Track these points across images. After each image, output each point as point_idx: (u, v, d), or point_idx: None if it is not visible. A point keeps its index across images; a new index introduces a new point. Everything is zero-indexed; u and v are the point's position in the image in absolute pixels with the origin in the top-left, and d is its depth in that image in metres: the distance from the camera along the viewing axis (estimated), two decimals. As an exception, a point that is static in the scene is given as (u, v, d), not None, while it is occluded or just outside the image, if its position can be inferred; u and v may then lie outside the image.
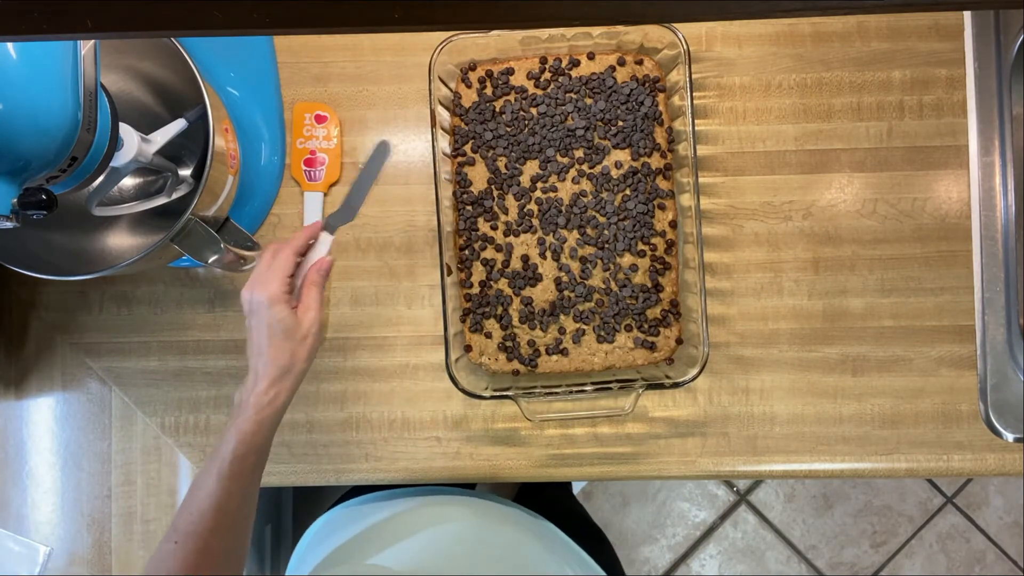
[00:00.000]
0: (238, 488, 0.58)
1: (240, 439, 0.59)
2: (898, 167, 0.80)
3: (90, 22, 0.23)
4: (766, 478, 1.57)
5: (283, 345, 0.61)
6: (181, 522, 0.57)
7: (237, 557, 0.60)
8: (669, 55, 0.76)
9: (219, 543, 0.57)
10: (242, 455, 0.58)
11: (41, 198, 0.52)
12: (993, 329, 0.78)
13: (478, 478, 0.81)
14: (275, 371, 0.61)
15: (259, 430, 0.60)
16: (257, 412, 0.60)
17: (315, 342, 0.64)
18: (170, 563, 0.56)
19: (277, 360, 0.61)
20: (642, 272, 0.78)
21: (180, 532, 0.57)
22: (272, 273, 0.63)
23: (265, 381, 0.61)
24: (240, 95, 0.81)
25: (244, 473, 0.59)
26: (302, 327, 0.63)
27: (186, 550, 0.56)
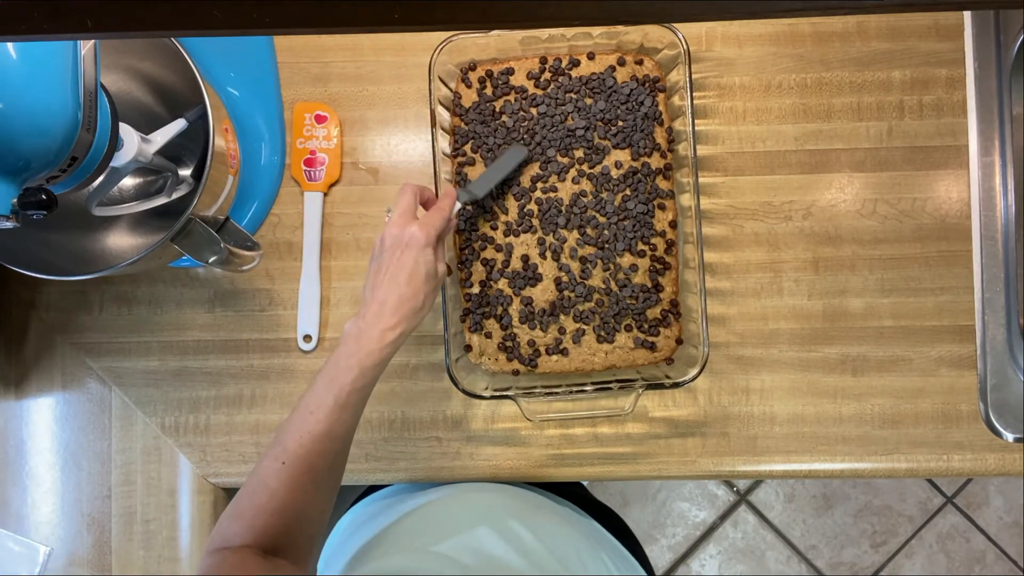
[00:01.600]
0: (350, 415, 0.60)
1: (361, 371, 0.60)
2: (898, 167, 0.80)
3: (90, 22, 0.23)
4: (766, 478, 1.57)
5: (421, 287, 0.63)
6: (291, 443, 0.58)
7: (337, 477, 0.62)
8: (669, 55, 0.76)
9: (325, 464, 0.59)
10: (361, 386, 0.60)
11: (41, 198, 0.52)
12: (993, 329, 0.78)
13: (479, 478, 0.81)
14: (407, 309, 0.62)
15: (378, 362, 0.61)
16: (381, 345, 0.61)
17: (438, 293, 0.66)
18: (275, 482, 0.57)
19: (413, 299, 0.62)
20: (642, 272, 0.78)
21: (289, 453, 0.58)
22: (431, 221, 0.65)
23: (395, 317, 0.61)
24: (240, 95, 0.81)
25: (359, 403, 0.60)
26: (439, 275, 0.65)
27: (293, 471, 0.57)
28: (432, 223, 0.65)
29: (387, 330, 0.61)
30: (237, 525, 0.57)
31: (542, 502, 0.78)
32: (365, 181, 0.82)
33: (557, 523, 0.74)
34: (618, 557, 0.77)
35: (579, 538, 0.72)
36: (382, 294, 0.62)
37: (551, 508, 0.78)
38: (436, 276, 0.65)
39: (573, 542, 0.71)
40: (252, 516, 0.57)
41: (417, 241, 0.63)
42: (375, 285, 0.63)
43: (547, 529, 0.71)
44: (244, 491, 0.58)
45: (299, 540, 0.58)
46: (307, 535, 0.59)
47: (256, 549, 0.56)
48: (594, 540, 0.75)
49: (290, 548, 0.58)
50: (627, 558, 0.79)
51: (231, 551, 0.55)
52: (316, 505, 0.60)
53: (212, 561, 0.55)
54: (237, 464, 0.82)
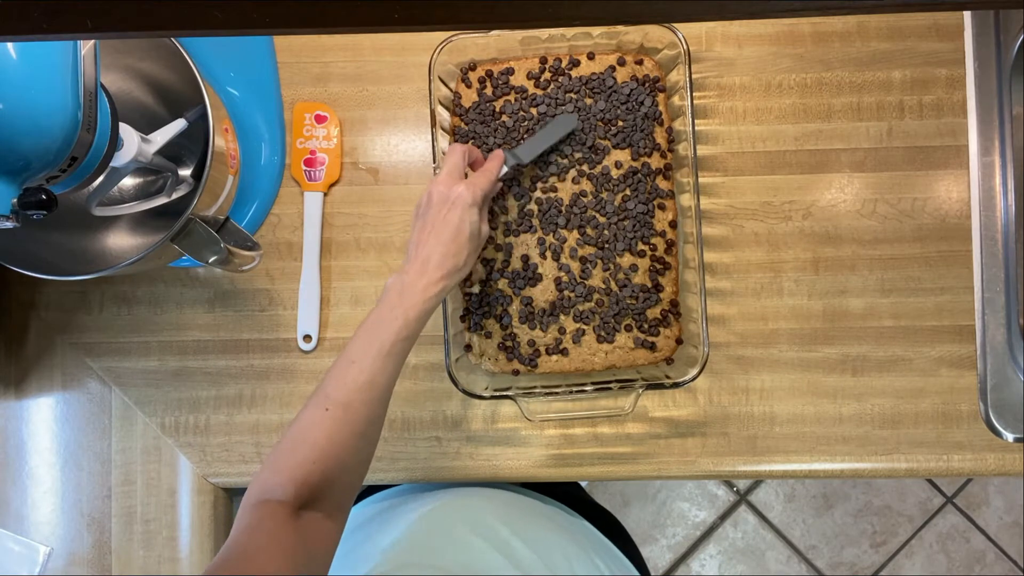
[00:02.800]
0: (393, 366, 0.61)
1: (405, 322, 0.61)
2: (898, 167, 0.80)
3: (90, 22, 0.23)
4: (766, 478, 1.57)
5: (466, 246, 0.64)
6: (335, 392, 0.59)
7: (377, 428, 0.62)
8: (669, 55, 0.76)
9: (367, 413, 0.59)
10: (404, 337, 0.61)
11: (41, 198, 0.52)
12: (993, 329, 0.78)
13: (478, 478, 0.81)
14: (450, 265, 0.63)
15: (421, 316, 0.62)
16: (424, 299, 0.62)
17: (479, 253, 0.68)
18: (317, 431, 0.58)
19: (456, 257, 0.63)
20: (642, 272, 0.78)
21: (332, 400, 0.58)
22: (478, 182, 0.66)
23: (439, 272, 0.63)
24: (240, 95, 0.81)
25: (401, 353, 0.61)
26: (482, 235, 0.67)
27: (336, 418, 0.58)
28: (479, 184, 0.66)
29: (431, 284, 0.62)
30: (279, 476, 0.56)
31: (533, 506, 0.78)
32: (365, 181, 0.82)
33: (548, 528, 0.74)
34: (611, 559, 0.77)
35: (569, 543, 0.72)
36: (426, 251, 0.63)
37: (542, 512, 0.78)
38: (480, 236, 0.66)
39: (563, 547, 0.71)
40: (294, 466, 0.57)
41: (464, 200, 0.64)
42: (420, 242, 0.64)
43: (538, 535, 0.71)
44: (286, 441, 0.58)
45: (338, 490, 0.59)
46: (347, 484, 0.60)
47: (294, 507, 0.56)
48: (585, 543, 0.75)
49: (327, 499, 0.58)
50: (620, 559, 0.79)
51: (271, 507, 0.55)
52: (358, 455, 0.60)
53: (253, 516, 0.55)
54: (237, 464, 0.82)
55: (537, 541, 0.70)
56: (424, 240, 0.64)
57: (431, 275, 0.62)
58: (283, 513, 0.55)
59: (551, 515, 0.78)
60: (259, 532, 0.53)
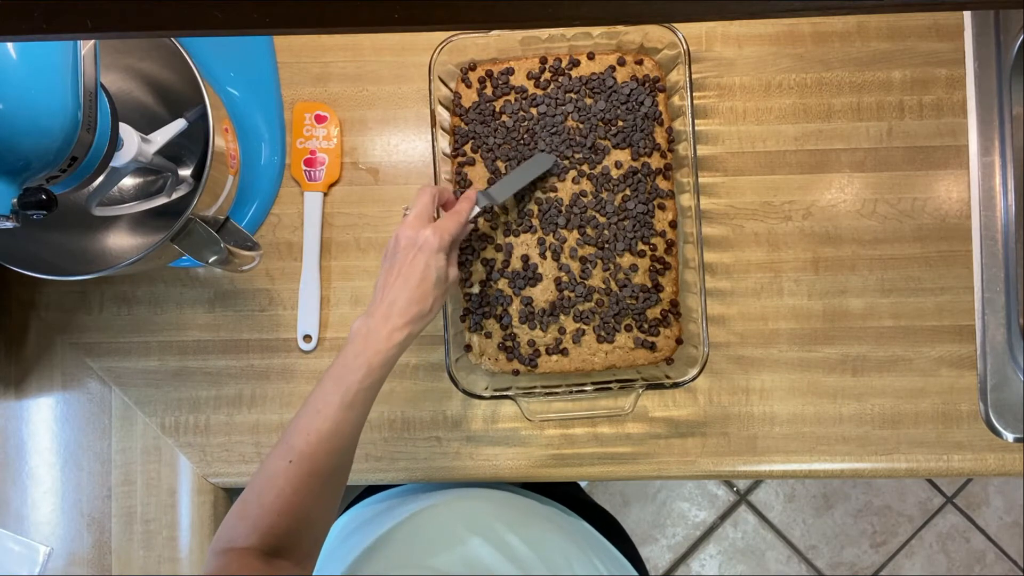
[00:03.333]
0: (356, 415, 0.60)
1: (368, 370, 0.60)
2: (898, 167, 0.80)
3: (90, 22, 0.23)
4: (766, 478, 1.57)
5: (431, 292, 0.64)
6: (297, 442, 0.58)
7: (342, 478, 0.62)
8: (669, 55, 0.76)
9: (331, 464, 0.59)
10: (368, 384, 0.60)
11: (41, 198, 0.52)
12: (993, 329, 0.78)
13: (478, 478, 0.81)
14: (415, 312, 0.63)
15: (385, 362, 0.61)
16: (388, 346, 0.61)
17: (446, 297, 0.67)
18: (282, 481, 0.57)
19: (421, 303, 0.63)
20: (642, 272, 0.78)
21: (296, 452, 0.58)
22: (445, 226, 0.65)
23: (403, 319, 0.62)
24: (240, 95, 0.81)
25: (366, 401, 0.61)
26: (449, 279, 0.66)
27: (300, 469, 0.58)
28: (447, 227, 0.65)
29: (395, 331, 0.61)
30: (243, 525, 0.57)
31: (532, 507, 0.78)
32: (365, 181, 0.82)
33: (547, 529, 0.74)
34: (609, 559, 0.77)
35: (568, 543, 0.72)
36: (392, 295, 0.63)
37: (541, 513, 0.78)
38: (446, 281, 0.65)
39: (563, 547, 0.71)
40: (257, 516, 0.57)
41: (430, 245, 0.63)
42: (385, 285, 0.64)
43: (537, 535, 0.71)
44: (250, 490, 0.58)
45: (304, 540, 0.58)
46: (312, 536, 0.59)
47: (259, 551, 0.56)
48: (584, 543, 0.75)
49: (295, 549, 0.58)
50: (618, 559, 0.79)
51: (236, 553, 0.55)
52: (322, 505, 0.60)
53: (217, 563, 0.55)
54: (237, 464, 0.82)
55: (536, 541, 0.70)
56: (391, 284, 0.63)
57: (395, 321, 0.62)
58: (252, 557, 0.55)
59: (550, 515, 0.78)
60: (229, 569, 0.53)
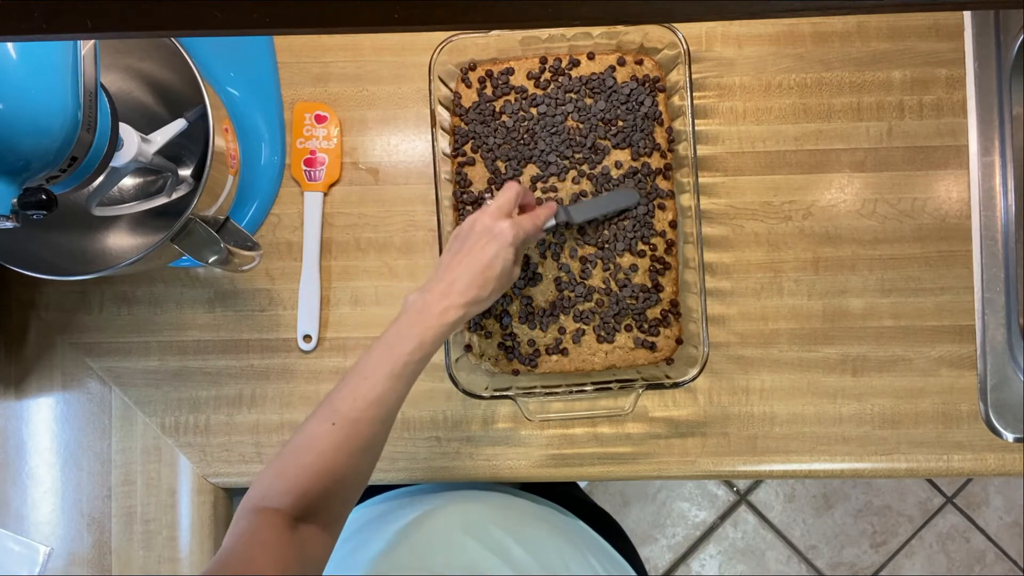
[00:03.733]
0: (403, 386, 0.61)
1: (420, 343, 0.60)
2: (898, 167, 0.80)
3: (90, 22, 0.23)
4: (766, 478, 1.57)
5: (493, 279, 0.64)
6: (342, 405, 0.59)
7: (380, 446, 0.62)
8: (669, 55, 0.76)
9: (372, 431, 0.59)
10: (417, 359, 0.61)
11: (41, 198, 0.52)
12: (993, 329, 0.78)
13: (478, 478, 0.81)
14: (473, 295, 0.63)
15: (436, 339, 0.62)
16: (441, 323, 0.61)
17: (503, 292, 0.67)
18: (323, 442, 0.58)
19: (482, 288, 0.63)
20: (642, 272, 0.78)
21: (341, 415, 0.58)
22: (522, 223, 0.66)
23: (462, 298, 0.62)
24: (240, 95, 0.81)
25: (413, 375, 0.61)
26: (512, 276, 0.67)
27: (341, 433, 0.58)
28: (524, 225, 0.66)
29: (450, 308, 0.62)
30: (280, 483, 0.56)
31: (529, 508, 0.78)
32: (365, 181, 0.82)
33: (543, 530, 0.74)
34: (607, 559, 0.77)
35: (565, 544, 0.73)
36: (454, 274, 0.63)
37: (538, 514, 0.78)
38: (509, 275, 0.66)
39: (559, 548, 0.71)
40: (295, 475, 0.57)
41: (505, 236, 0.64)
42: (450, 264, 0.64)
43: (533, 537, 0.71)
44: (290, 449, 0.58)
45: (335, 504, 0.58)
46: (344, 499, 0.60)
47: (290, 516, 0.56)
48: (581, 543, 0.75)
49: (325, 512, 0.58)
50: (616, 559, 0.79)
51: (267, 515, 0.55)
52: (359, 471, 0.60)
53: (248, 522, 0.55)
54: (237, 464, 0.82)
55: (532, 542, 0.70)
56: (455, 265, 0.64)
57: (454, 299, 0.62)
58: (280, 523, 0.55)
59: (546, 516, 0.78)
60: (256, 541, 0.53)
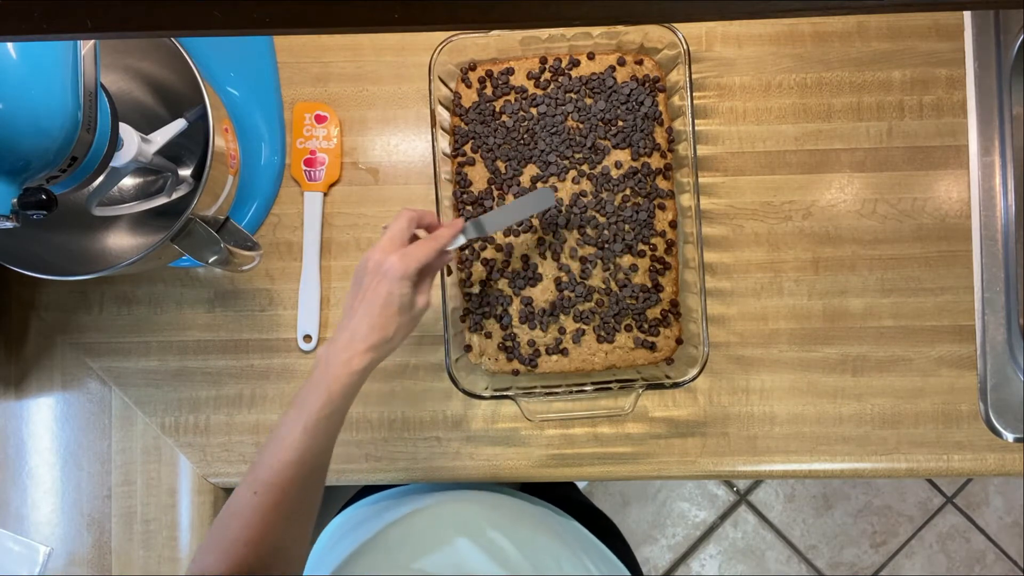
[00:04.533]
0: (322, 442, 0.59)
1: (329, 397, 0.59)
2: (898, 167, 0.80)
3: (90, 22, 0.23)
4: (766, 478, 1.57)
5: (394, 318, 0.62)
6: (263, 473, 0.58)
7: (310, 510, 0.61)
8: (669, 55, 0.76)
9: (298, 493, 0.58)
10: (329, 413, 0.59)
11: (41, 198, 0.52)
12: (993, 329, 0.78)
13: (478, 478, 0.81)
14: (377, 339, 0.61)
15: (347, 390, 0.60)
16: (349, 373, 0.60)
17: (414, 326, 0.65)
18: (248, 513, 0.57)
19: (384, 329, 0.62)
20: (642, 272, 0.78)
21: (260, 482, 0.57)
22: (414, 253, 0.63)
23: (364, 344, 0.61)
24: (240, 95, 0.81)
25: (329, 429, 0.60)
26: (415, 309, 0.64)
27: (265, 501, 0.57)
28: (416, 255, 0.63)
29: (355, 356, 0.60)
30: (212, 557, 0.56)
31: (523, 508, 0.78)
32: (365, 181, 0.82)
33: (537, 530, 0.74)
34: (601, 559, 0.77)
35: (558, 544, 0.72)
36: (355, 320, 0.62)
37: (531, 514, 0.78)
38: (412, 309, 0.63)
39: (553, 549, 0.71)
40: (227, 547, 0.56)
41: (393, 272, 0.61)
42: (349, 309, 0.63)
43: (527, 538, 0.71)
44: (219, 521, 0.58)
45: (275, 569, 0.57)
46: (284, 562, 0.58)
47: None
48: (575, 543, 0.75)
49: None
50: (610, 559, 0.79)
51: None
52: (291, 535, 0.59)
53: None
54: (237, 464, 0.82)
55: (525, 542, 0.69)
56: (355, 309, 0.62)
57: (356, 346, 0.61)
58: None
59: (540, 516, 0.78)
60: None
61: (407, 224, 0.65)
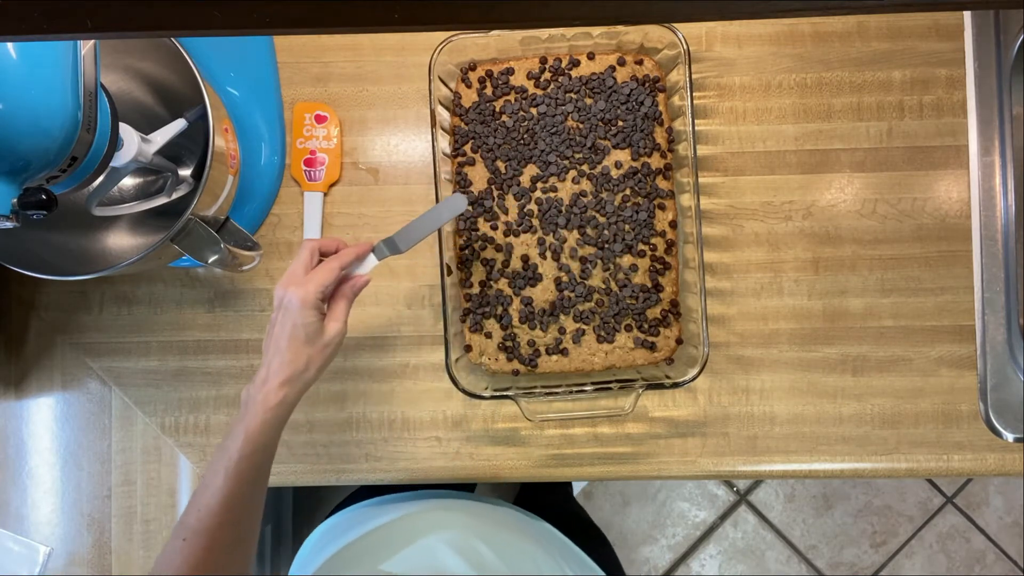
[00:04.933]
0: (245, 485, 0.58)
1: (247, 437, 0.58)
2: (898, 167, 0.80)
3: (90, 22, 0.23)
4: (766, 478, 1.57)
5: (302, 349, 0.61)
6: (189, 519, 0.57)
7: (244, 553, 0.60)
8: (669, 55, 0.76)
9: (226, 539, 0.57)
10: (249, 453, 0.58)
11: (41, 198, 0.52)
12: (993, 329, 0.78)
13: (478, 478, 0.81)
14: (288, 372, 0.60)
15: (265, 429, 0.59)
16: (264, 411, 0.59)
17: (333, 353, 0.63)
18: (178, 560, 0.56)
19: (294, 363, 0.60)
20: (642, 272, 0.78)
21: (188, 529, 0.57)
22: (313, 277, 0.61)
23: (276, 380, 0.60)
24: (240, 95, 0.81)
25: (251, 470, 0.59)
26: (325, 336, 0.62)
27: (193, 547, 0.56)
28: (316, 280, 0.61)
29: (270, 394, 0.60)
30: None
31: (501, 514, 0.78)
32: (365, 181, 0.82)
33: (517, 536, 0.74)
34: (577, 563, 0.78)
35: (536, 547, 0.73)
36: (268, 357, 0.61)
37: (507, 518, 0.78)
38: (321, 337, 0.61)
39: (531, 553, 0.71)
40: None
41: (293, 303, 0.60)
42: (264, 347, 0.62)
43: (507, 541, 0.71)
44: (154, 567, 0.57)
45: None
46: None
47: None
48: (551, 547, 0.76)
49: None
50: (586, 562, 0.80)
51: None
52: (227, 573, 0.58)
53: None
54: (237, 464, 0.82)
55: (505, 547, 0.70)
56: (267, 346, 0.62)
57: (271, 383, 0.60)
58: None
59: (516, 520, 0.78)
60: None
61: (309, 255, 0.63)
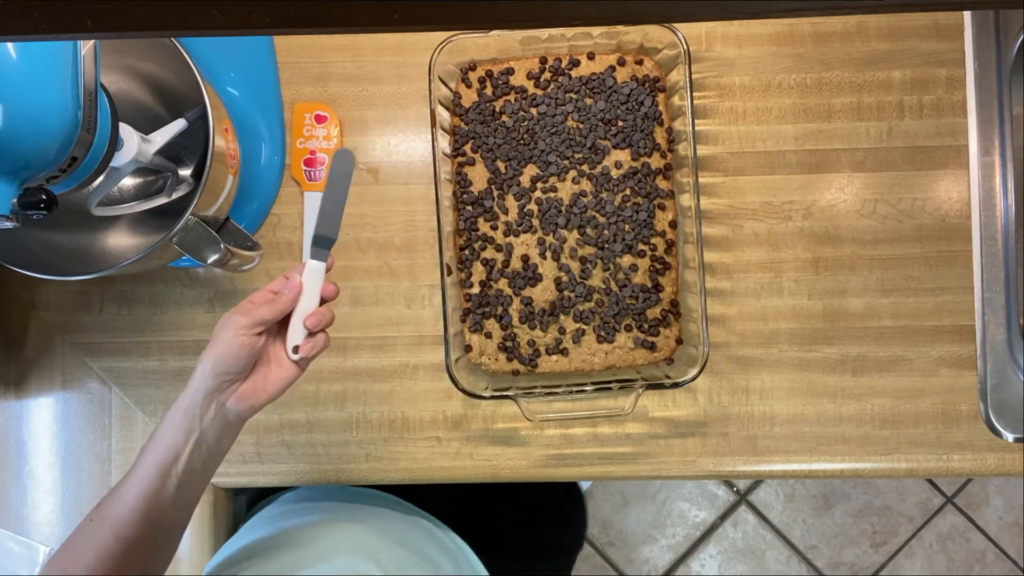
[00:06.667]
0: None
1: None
2: (898, 167, 0.80)
3: (90, 22, 0.23)
4: (766, 478, 1.57)
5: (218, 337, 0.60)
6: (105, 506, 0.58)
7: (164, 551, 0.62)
8: (669, 55, 0.76)
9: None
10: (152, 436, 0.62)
11: (41, 198, 0.52)
12: (993, 329, 0.78)
13: (478, 478, 0.81)
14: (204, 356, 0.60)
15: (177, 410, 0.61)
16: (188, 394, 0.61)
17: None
18: (88, 547, 0.56)
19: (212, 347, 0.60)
20: (642, 272, 0.78)
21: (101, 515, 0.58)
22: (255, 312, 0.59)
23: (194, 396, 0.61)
24: (240, 95, 0.81)
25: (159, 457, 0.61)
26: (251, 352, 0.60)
27: (103, 534, 0.57)
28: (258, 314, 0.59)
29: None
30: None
31: (408, 535, 0.80)
32: (365, 181, 0.82)
33: (412, 556, 0.77)
34: (447, 557, 0.81)
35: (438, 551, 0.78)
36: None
37: (415, 542, 0.80)
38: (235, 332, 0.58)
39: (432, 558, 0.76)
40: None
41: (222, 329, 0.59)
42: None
43: (402, 560, 0.74)
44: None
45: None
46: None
47: None
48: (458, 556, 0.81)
49: None
50: (459, 556, 0.84)
51: None
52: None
53: None
54: (237, 464, 0.82)
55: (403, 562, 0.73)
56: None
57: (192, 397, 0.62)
58: None
59: (420, 535, 0.82)
60: None
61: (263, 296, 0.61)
